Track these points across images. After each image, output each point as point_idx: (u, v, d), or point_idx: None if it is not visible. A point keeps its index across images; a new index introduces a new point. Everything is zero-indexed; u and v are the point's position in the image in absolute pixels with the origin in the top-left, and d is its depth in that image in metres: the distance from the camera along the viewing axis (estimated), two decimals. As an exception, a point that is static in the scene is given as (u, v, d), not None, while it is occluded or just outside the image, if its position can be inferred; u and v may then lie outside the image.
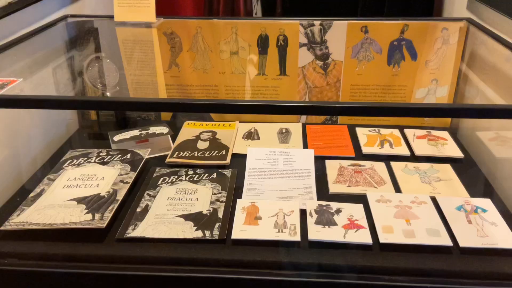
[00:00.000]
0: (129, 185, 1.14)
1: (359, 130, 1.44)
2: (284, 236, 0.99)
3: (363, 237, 0.98)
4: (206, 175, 1.21)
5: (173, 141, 1.38)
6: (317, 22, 1.40)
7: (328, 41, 1.42)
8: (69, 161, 1.25)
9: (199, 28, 1.44)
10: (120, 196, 1.09)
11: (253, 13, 1.80)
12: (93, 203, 1.06)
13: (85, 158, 1.26)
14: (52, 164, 1.26)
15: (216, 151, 1.32)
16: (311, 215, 1.05)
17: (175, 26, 1.44)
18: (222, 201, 1.10)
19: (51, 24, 1.33)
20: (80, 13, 1.51)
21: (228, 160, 1.29)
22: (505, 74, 1.22)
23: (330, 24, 1.40)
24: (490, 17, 1.29)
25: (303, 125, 1.48)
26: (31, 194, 1.11)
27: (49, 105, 0.87)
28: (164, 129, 1.37)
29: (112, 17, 1.38)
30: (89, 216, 1.02)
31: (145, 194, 1.14)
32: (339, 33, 1.40)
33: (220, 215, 1.05)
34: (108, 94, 1.40)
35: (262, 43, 1.44)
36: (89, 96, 1.41)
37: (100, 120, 1.49)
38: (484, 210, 1.06)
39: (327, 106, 0.83)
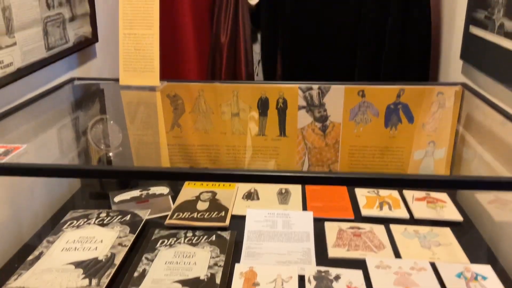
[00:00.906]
0: (127, 248, 1.14)
1: (358, 191, 1.44)
2: (282, 304, 0.98)
3: (362, 305, 0.97)
4: (205, 237, 1.21)
5: (174, 201, 1.39)
6: (315, 86, 1.44)
7: (326, 104, 1.46)
8: (69, 222, 1.26)
9: (201, 91, 1.48)
10: (117, 260, 1.09)
11: (254, 75, 1.86)
12: (91, 268, 1.06)
13: (85, 220, 1.27)
14: (53, 224, 1.26)
15: (215, 212, 1.33)
16: (309, 281, 1.04)
17: (178, 89, 1.48)
18: (220, 266, 1.10)
19: (58, 87, 1.38)
20: (87, 75, 1.56)
21: (227, 222, 1.29)
22: (500, 138, 1.24)
23: (328, 88, 1.44)
24: (484, 82, 1.33)
25: (303, 185, 1.49)
26: (30, 257, 1.11)
27: (51, 174, 0.89)
28: (165, 190, 1.38)
29: (117, 80, 1.42)
30: (86, 281, 1.01)
31: (143, 258, 1.13)
32: (337, 96, 1.44)
33: (218, 281, 1.05)
34: (111, 154, 1.42)
35: (262, 106, 1.48)
36: (90, 165, 1.43)
37: (101, 178, 1.50)
38: (484, 278, 1.05)
39: (327, 176, 0.84)
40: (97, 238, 1.17)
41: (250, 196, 1.45)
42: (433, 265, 1.10)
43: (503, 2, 1.22)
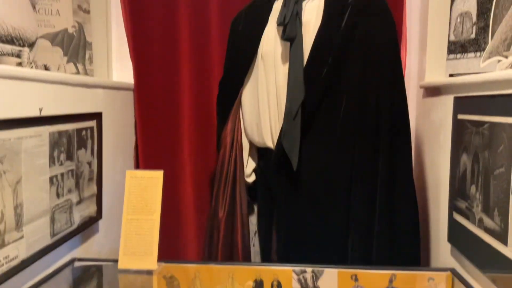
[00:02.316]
0: None
1: None
2: None
3: None
4: None
5: None
6: (309, 269, 1.48)
7: (320, 286, 1.48)
8: None
9: (198, 273, 1.51)
10: None
11: (250, 245, 1.91)
12: None
13: None
14: None
15: None
16: None
17: (175, 270, 1.52)
18: None
19: (58, 271, 1.41)
20: (88, 251, 1.61)
21: None
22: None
23: (321, 272, 1.47)
24: (471, 268, 1.36)
25: None
26: None
27: None
28: None
29: (117, 260, 1.47)
30: None
31: None
32: (331, 280, 1.47)
33: None
34: None
35: (257, 288, 1.50)
36: None
37: None
38: None
39: None
40: None
41: None
42: None
43: (480, 197, 1.31)
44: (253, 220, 1.98)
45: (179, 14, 2.02)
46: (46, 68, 1.80)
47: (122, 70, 2.09)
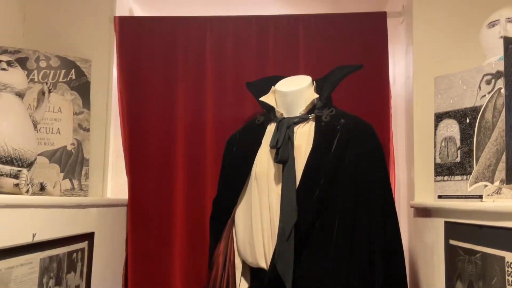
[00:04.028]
0: None
1: None
2: None
3: None
4: None
5: None
6: None
7: None
8: None
9: None
10: None
11: None
12: None
13: None
14: None
15: None
16: None
17: None
18: None
19: None
20: None
21: None
22: None
23: None
24: None
25: None
26: None
27: None
28: None
29: None
30: None
31: None
32: None
33: None
34: None
35: None
36: None
37: None
38: None
39: None
40: None
41: None
42: None
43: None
44: None
45: (176, 132, 2.09)
46: (42, 186, 1.82)
47: (117, 185, 2.12)
